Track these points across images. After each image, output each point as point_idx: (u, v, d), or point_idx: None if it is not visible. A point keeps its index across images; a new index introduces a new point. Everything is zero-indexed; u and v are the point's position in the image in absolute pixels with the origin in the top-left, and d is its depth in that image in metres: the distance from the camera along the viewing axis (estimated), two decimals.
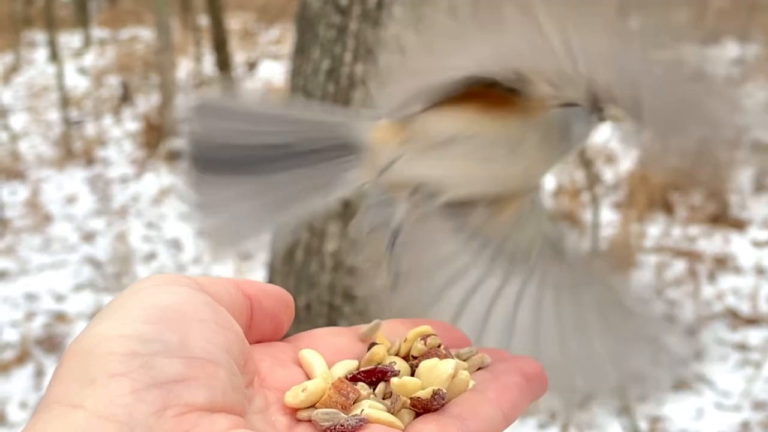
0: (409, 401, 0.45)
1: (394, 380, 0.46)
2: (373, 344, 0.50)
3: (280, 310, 0.50)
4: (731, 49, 9.30)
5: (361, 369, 0.48)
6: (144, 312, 0.42)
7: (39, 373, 3.77)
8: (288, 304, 0.51)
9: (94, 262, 5.09)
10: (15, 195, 6.19)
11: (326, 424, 0.44)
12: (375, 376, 0.47)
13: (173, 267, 4.84)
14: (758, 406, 3.44)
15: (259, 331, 0.50)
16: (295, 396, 0.46)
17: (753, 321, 4.15)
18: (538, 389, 0.48)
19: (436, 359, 0.47)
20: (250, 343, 0.47)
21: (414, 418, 0.45)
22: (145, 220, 5.74)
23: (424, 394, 0.45)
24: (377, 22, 1.86)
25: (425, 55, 0.59)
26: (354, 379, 0.47)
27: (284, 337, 0.52)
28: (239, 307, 0.48)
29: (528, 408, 0.47)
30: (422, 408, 0.45)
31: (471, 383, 0.47)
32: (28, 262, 5.06)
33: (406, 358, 0.50)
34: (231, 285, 0.48)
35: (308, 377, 0.48)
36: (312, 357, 0.49)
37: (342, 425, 0.43)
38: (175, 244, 5.32)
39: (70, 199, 6.13)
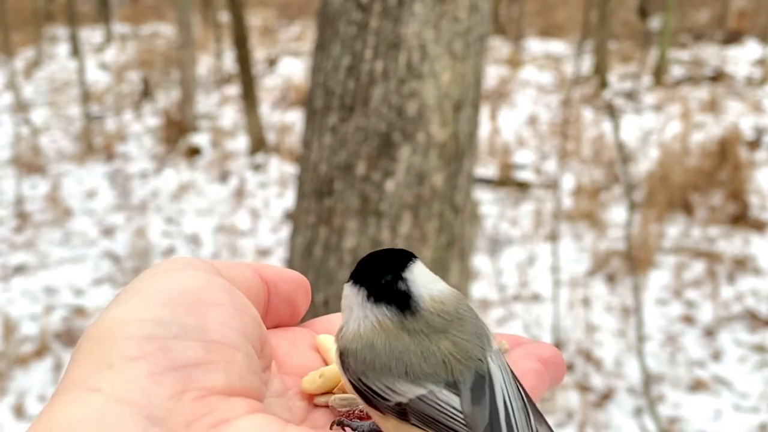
0: None
1: None
2: None
3: (296, 295, 0.50)
4: (753, 50, 9.20)
5: None
6: (161, 295, 0.42)
7: (57, 367, 3.79)
8: (305, 288, 0.51)
9: (113, 257, 5.10)
10: (35, 189, 6.22)
11: (344, 410, 0.44)
12: None
13: None
14: None
15: (276, 315, 0.50)
16: (313, 381, 0.46)
17: None
18: (555, 375, 0.48)
19: None
20: (267, 328, 0.47)
21: None
22: (165, 215, 5.76)
23: None
24: (398, 20, 1.86)
25: None
26: None
27: (301, 322, 0.52)
28: (256, 291, 0.48)
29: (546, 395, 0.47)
30: None
31: None
32: (47, 256, 5.09)
33: None
34: (248, 269, 0.48)
35: (325, 363, 0.48)
36: (329, 342, 0.49)
37: (359, 411, 0.43)
38: (194, 240, 5.34)
39: (90, 194, 6.15)
